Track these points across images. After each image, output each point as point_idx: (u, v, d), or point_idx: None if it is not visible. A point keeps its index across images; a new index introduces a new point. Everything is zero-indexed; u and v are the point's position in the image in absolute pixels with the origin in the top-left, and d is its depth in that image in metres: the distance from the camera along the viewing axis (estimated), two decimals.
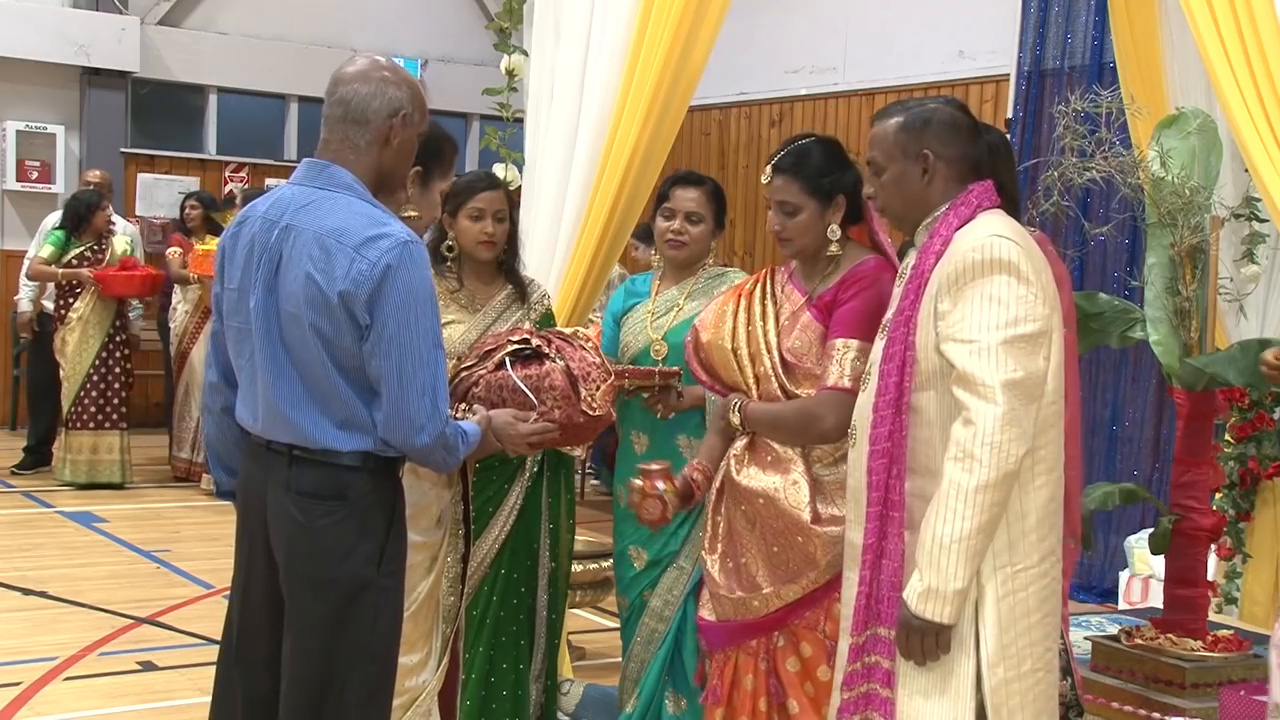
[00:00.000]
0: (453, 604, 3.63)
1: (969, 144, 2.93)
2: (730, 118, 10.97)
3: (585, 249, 4.61)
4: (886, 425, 2.81)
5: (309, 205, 2.83)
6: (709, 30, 4.59)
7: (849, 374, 3.23)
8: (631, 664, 4.19)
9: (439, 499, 3.47)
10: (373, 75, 2.88)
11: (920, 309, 2.81)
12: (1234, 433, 4.85)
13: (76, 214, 9.02)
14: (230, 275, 2.93)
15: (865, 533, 2.84)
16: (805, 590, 3.29)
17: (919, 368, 2.80)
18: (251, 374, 2.89)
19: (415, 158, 3.10)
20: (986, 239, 2.75)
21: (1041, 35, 7.84)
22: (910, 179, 2.90)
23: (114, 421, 9.05)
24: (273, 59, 12.09)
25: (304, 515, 2.83)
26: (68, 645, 5.59)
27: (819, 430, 3.26)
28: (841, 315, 3.30)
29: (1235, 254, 4.68)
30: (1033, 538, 2.76)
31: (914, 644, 2.73)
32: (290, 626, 2.87)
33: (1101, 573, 7.16)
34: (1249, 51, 3.57)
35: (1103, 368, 7.39)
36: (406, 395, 2.77)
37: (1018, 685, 2.75)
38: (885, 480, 2.81)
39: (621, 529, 4.21)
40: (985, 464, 2.64)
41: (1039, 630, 2.77)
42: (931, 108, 2.93)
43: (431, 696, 3.50)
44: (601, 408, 3.46)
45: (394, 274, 2.74)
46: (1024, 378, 2.68)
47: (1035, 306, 2.72)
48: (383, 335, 2.75)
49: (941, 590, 2.68)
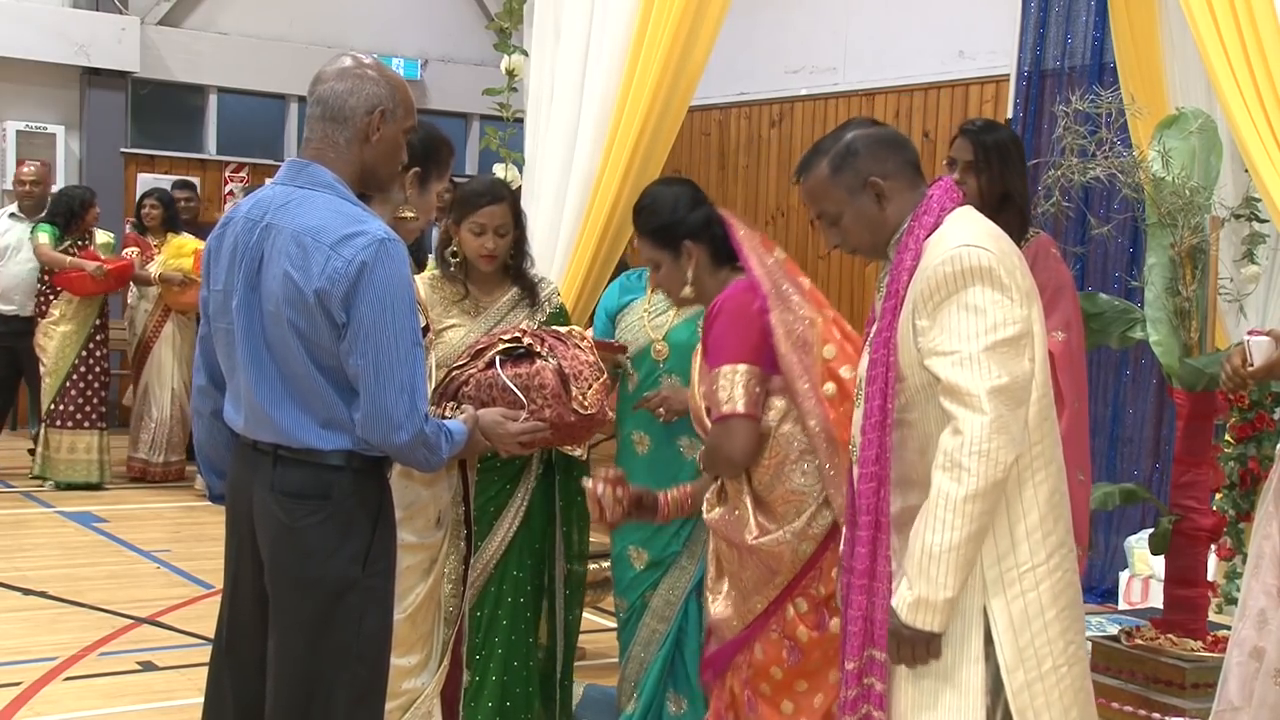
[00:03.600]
0: (454, 605, 3.62)
1: (901, 150, 2.90)
2: (730, 118, 10.96)
3: (585, 249, 4.61)
4: (873, 448, 2.80)
5: (289, 204, 2.83)
6: (709, 30, 4.59)
7: (737, 397, 3.24)
8: (631, 665, 4.19)
9: (436, 500, 3.47)
10: (351, 73, 2.88)
11: (899, 328, 2.79)
12: (1234, 433, 4.85)
13: (70, 210, 8.90)
14: (215, 277, 2.93)
15: (857, 556, 2.83)
16: (769, 599, 3.34)
17: (905, 385, 2.78)
18: (236, 373, 2.89)
19: (412, 160, 3.10)
20: (955, 250, 2.72)
21: (1041, 35, 7.84)
22: (867, 211, 2.87)
23: (93, 421, 8.96)
24: (273, 59, 12.09)
25: (288, 515, 2.83)
26: (68, 645, 5.59)
27: (725, 458, 3.29)
28: (710, 347, 3.34)
29: (1235, 254, 4.68)
30: (1037, 535, 2.74)
31: (905, 653, 2.73)
32: (275, 627, 2.87)
33: (1101, 573, 7.15)
34: (1249, 51, 3.57)
35: (1103, 368, 7.39)
36: (384, 393, 2.76)
37: (1040, 686, 2.73)
38: (875, 503, 2.80)
39: (620, 530, 4.20)
40: (974, 473, 2.63)
41: (1056, 626, 2.75)
42: (849, 137, 2.90)
43: (431, 699, 3.50)
44: (594, 406, 3.45)
45: (370, 271, 2.74)
46: (1009, 383, 2.66)
47: (1012, 309, 2.70)
48: (359, 333, 2.75)
49: (932, 600, 2.67)
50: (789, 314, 3.32)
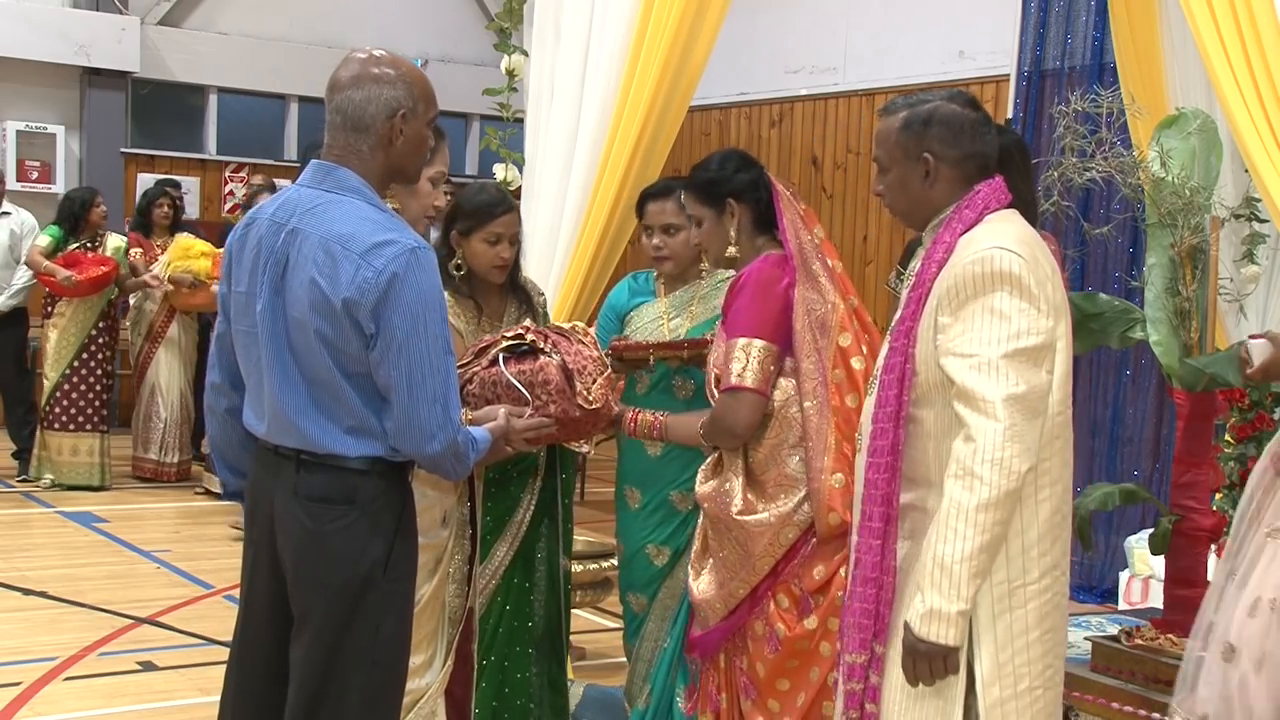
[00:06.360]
0: (458, 605, 3.62)
1: (974, 142, 2.83)
2: (730, 118, 10.97)
3: (585, 249, 4.62)
4: (888, 438, 2.75)
5: (316, 208, 2.80)
6: (709, 30, 4.60)
7: (748, 371, 3.29)
8: (640, 664, 4.18)
9: (441, 501, 3.46)
10: (365, 78, 2.82)
11: (921, 321, 2.75)
12: (1234, 433, 4.84)
13: (72, 212, 8.91)
14: (238, 278, 2.90)
15: (867, 548, 2.78)
16: (750, 585, 3.36)
17: (918, 380, 2.74)
18: (258, 378, 2.87)
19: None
20: (987, 251, 2.68)
21: (1041, 35, 7.84)
22: (913, 181, 2.83)
23: (94, 424, 8.92)
24: (273, 59, 12.09)
25: (312, 520, 2.80)
26: (68, 645, 5.59)
27: (727, 430, 3.35)
28: (731, 317, 3.39)
29: (1235, 254, 4.68)
30: (1034, 553, 2.71)
31: (921, 668, 2.67)
32: (299, 634, 2.84)
33: (1101, 573, 7.15)
34: (1249, 51, 3.57)
35: (1103, 368, 7.39)
36: (417, 403, 2.74)
37: (1014, 705, 2.70)
38: (887, 494, 2.76)
39: (633, 529, 4.17)
40: (987, 482, 2.58)
41: (1038, 647, 2.72)
42: (933, 105, 2.85)
43: (435, 699, 3.50)
44: (598, 400, 3.45)
45: (401, 281, 2.71)
46: (1026, 392, 2.61)
47: (1037, 320, 2.65)
48: (391, 344, 2.72)
49: (945, 612, 2.62)
50: (813, 293, 3.36)
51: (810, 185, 10.25)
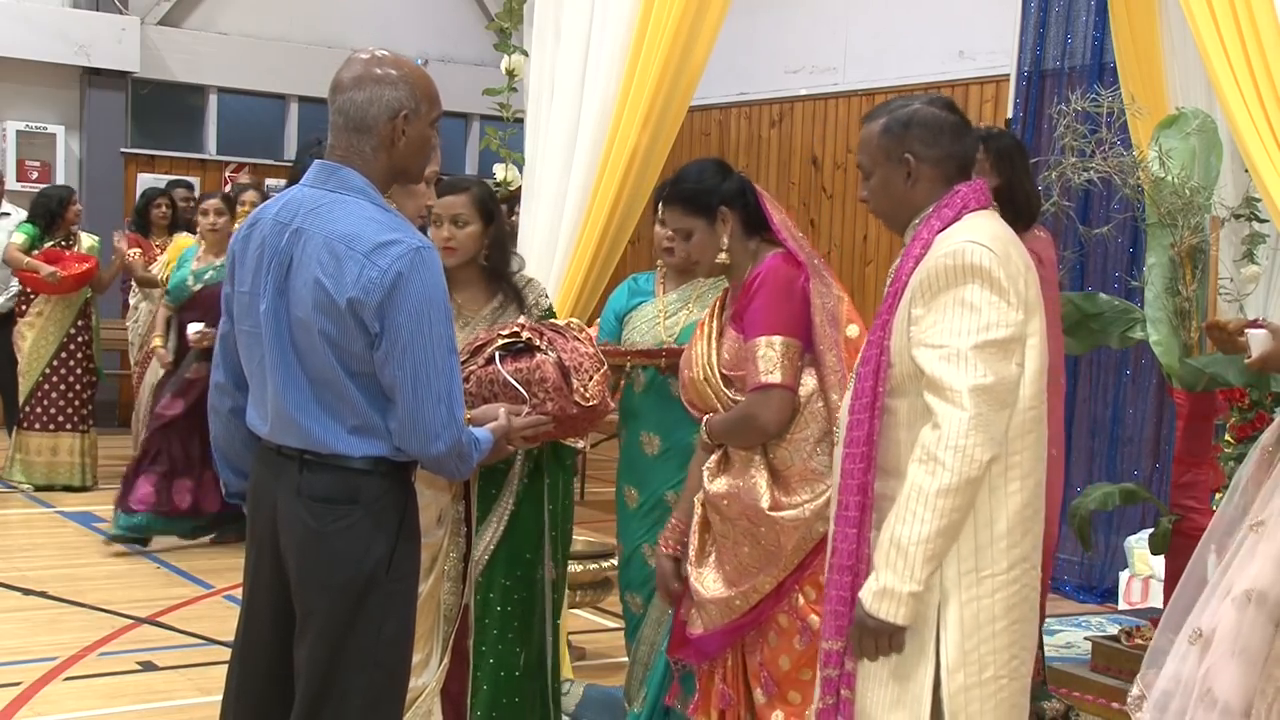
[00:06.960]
0: (454, 603, 3.62)
1: (954, 143, 2.89)
2: (730, 118, 10.97)
3: (585, 249, 4.61)
4: (863, 428, 2.80)
5: (319, 208, 2.80)
6: (709, 30, 4.59)
7: (776, 368, 3.29)
8: (637, 666, 4.18)
9: (437, 499, 3.47)
10: (367, 79, 2.82)
11: (896, 314, 2.81)
12: (1234, 433, 4.85)
13: (48, 210, 8.82)
14: (241, 278, 2.90)
15: (843, 537, 2.83)
16: (778, 580, 3.35)
17: (893, 372, 2.79)
18: (262, 378, 2.86)
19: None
20: (961, 245, 2.74)
21: (1041, 35, 7.84)
22: (895, 182, 2.89)
23: (75, 424, 8.80)
24: (273, 59, 12.09)
25: (316, 520, 2.80)
26: (68, 645, 5.59)
27: (757, 428, 3.34)
28: (750, 317, 3.38)
29: (1235, 254, 4.68)
30: (1002, 544, 2.74)
31: (868, 644, 2.74)
32: (302, 634, 2.84)
33: (1101, 573, 7.15)
34: (1249, 51, 3.57)
35: (1103, 368, 7.39)
36: (421, 404, 2.74)
37: (978, 692, 2.73)
38: (862, 483, 2.80)
39: (631, 529, 4.17)
40: (949, 468, 2.64)
41: (1004, 637, 2.75)
42: (913, 109, 2.90)
43: (431, 697, 3.50)
44: (595, 397, 3.46)
45: (405, 281, 2.71)
46: (994, 383, 2.67)
47: (1007, 312, 2.71)
48: (396, 344, 2.72)
49: (896, 591, 2.67)
50: (823, 286, 3.38)
51: (810, 185, 10.25)
